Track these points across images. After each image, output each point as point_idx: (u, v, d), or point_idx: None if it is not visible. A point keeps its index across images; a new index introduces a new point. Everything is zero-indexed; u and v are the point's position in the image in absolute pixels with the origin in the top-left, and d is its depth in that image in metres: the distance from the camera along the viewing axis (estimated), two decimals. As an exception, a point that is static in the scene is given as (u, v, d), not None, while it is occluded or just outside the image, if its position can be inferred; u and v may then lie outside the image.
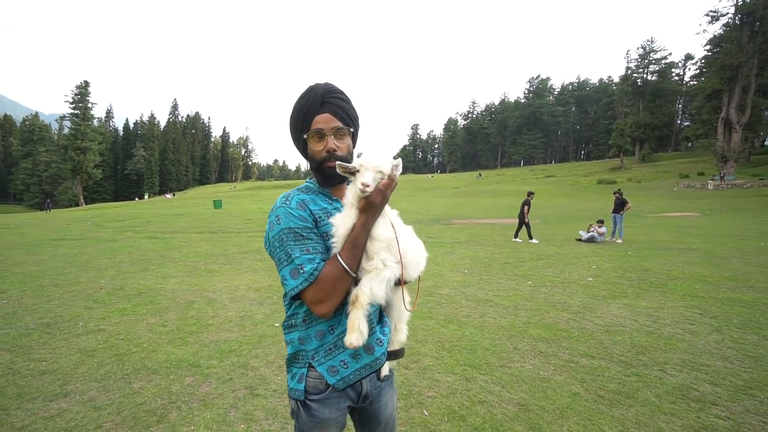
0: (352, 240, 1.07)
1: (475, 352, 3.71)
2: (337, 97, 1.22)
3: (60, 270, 7.44)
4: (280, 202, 1.16)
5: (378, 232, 1.10)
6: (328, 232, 1.14)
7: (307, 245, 1.09)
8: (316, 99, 1.19)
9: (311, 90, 1.21)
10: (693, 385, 3.03)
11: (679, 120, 76.50)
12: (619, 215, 11.35)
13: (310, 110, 1.19)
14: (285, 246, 1.09)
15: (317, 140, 1.19)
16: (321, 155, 1.20)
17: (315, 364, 1.15)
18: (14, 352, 3.68)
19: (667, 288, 5.93)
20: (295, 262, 1.07)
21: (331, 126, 1.19)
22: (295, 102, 1.24)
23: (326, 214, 1.18)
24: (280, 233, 1.11)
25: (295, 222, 1.11)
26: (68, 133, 64.77)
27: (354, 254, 1.07)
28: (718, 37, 42.50)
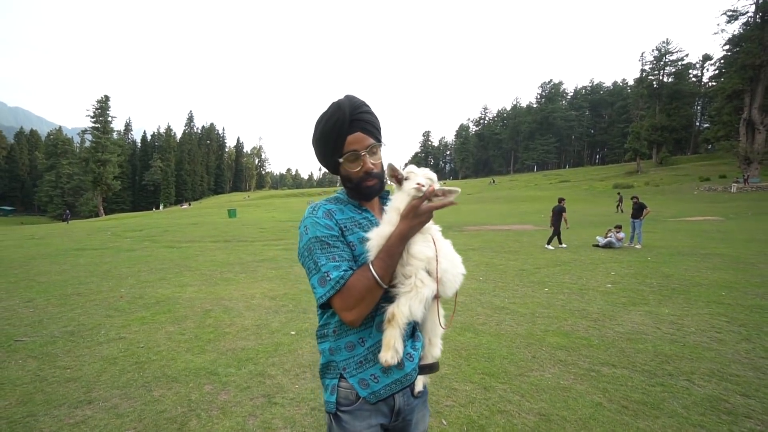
0: (387, 249, 1.04)
1: (493, 360, 3.66)
2: (365, 111, 1.19)
3: (82, 279, 7.65)
4: (308, 213, 1.16)
5: (417, 249, 1.06)
6: (354, 242, 1.13)
7: (333, 253, 1.08)
8: (344, 119, 1.14)
9: (337, 109, 1.15)
10: (723, 396, 2.92)
11: (698, 122, 74.60)
12: (639, 220, 11.09)
13: (341, 132, 1.14)
14: (313, 255, 1.09)
15: (352, 161, 1.16)
16: (358, 176, 1.17)
17: (346, 375, 1.13)
18: (41, 360, 3.79)
19: (691, 295, 5.75)
20: (321, 270, 1.06)
21: (365, 145, 1.15)
22: (321, 124, 1.18)
23: (354, 223, 1.17)
24: (308, 243, 1.11)
25: (321, 231, 1.10)
26: (89, 146, 67.05)
27: (387, 264, 1.04)
28: (738, 37, 41.45)
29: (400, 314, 1.02)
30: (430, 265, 1.06)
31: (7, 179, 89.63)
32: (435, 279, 1.06)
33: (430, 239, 1.11)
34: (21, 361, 3.76)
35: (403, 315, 1.02)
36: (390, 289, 1.07)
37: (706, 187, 37.02)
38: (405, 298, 1.02)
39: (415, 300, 1.02)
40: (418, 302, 1.02)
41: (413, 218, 1.04)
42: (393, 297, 1.07)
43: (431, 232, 1.13)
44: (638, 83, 61.50)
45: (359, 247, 1.13)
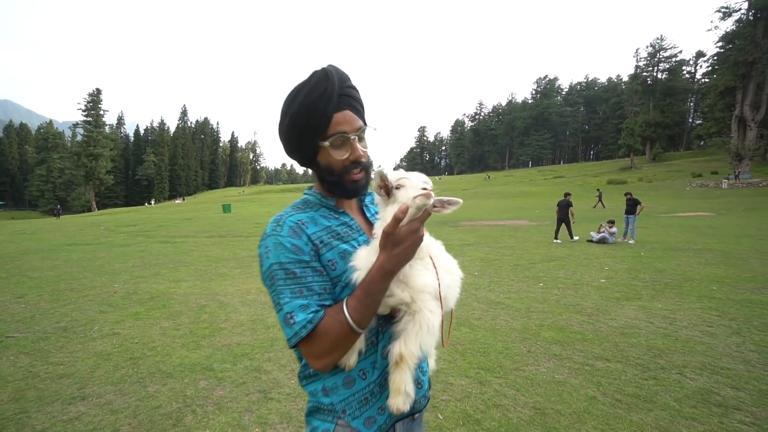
0: (365, 287, 0.82)
1: (488, 355, 3.68)
2: (352, 86, 0.97)
3: (75, 274, 7.57)
4: (271, 229, 0.90)
5: (423, 281, 0.87)
6: (334, 260, 0.91)
7: (300, 284, 0.85)
8: (333, 92, 0.90)
9: (325, 79, 0.91)
10: (714, 389, 2.96)
11: (691, 118, 75.24)
12: (633, 216, 11.18)
13: (326, 108, 0.90)
14: (275, 286, 0.86)
15: (339, 146, 0.93)
16: (344, 165, 0.94)
17: (348, 419, 0.91)
18: (33, 356, 3.75)
19: (683, 289, 5.82)
20: (284, 310, 0.84)
21: (355, 127, 0.93)
22: (299, 96, 0.91)
23: (331, 234, 0.93)
24: (270, 270, 0.87)
25: (286, 255, 0.86)
26: (81, 140, 66.09)
27: (365, 305, 0.82)
28: (731, 34, 41.73)
29: (411, 355, 0.84)
30: (435, 293, 0.90)
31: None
32: (440, 303, 0.90)
33: (429, 262, 0.92)
34: (13, 358, 3.72)
35: (413, 356, 0.84)
36: (392, 324, 0.89)
37: (698, 183, 37.43)
38: (414, 334, 0.84)
39: (426, 334, 0.85)
40: (429, 336, 0.86)
41: (394, 247, 0.81)
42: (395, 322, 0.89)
43: (427, 250, 0.93)
44: (632, 79, 61.83)
45: (341, 263, 0.90)
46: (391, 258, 0.82)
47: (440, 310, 0.89)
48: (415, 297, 0.86)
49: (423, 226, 0.85)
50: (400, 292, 0.86)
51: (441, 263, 0.96)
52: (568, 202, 11.85)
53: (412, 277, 0.87)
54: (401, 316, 0.87)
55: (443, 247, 1.02)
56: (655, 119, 57.80)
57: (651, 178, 44.35)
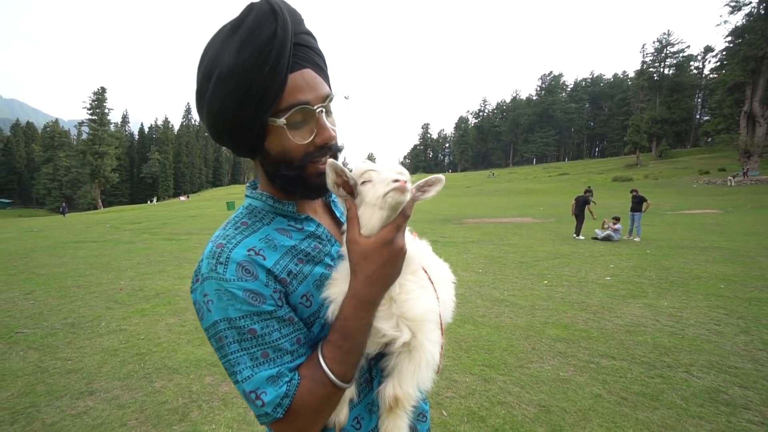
0: (341, 327, 0.62)
1: (493, 352, 3.67)
2: (305, 30, 0.67)
3: (81, 271, 7.65)
4: (208, 268, 0.62)
5: (420, 309, 0.67)
6: (309, 294, 0.67)
7: (264, 346, 0.61)
8: (286, 36, 0.61)
9: (272, 15, 0.61)
10: (722, 388, 2.94)
11: (698, 115, 74.46)
12: (638, 213, 11.09)
13: (281, 61, 0.60)
14: (225, 351, 0.61)
15: (299, 124, 0.64)
16: (306, 151, 0.66)
17: None
18: (42, 351, 3.79)
19: (690, 287, 5.77)
20: (244, 387, 0.60)
21: (320, 95, 0.65)
22: (232, 44, 0.61)
23: (298, 258, 0.68)
24: (215, 328, 0.61)
25: (237, 307, 0.60)
26: (86, 139, 66.68)
27: (346, 352, 0.62)
28: (741, 28, 41.17)
29: (407, 397, 0.66)
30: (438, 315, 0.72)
31: (4, 172, 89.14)
32: (441, 327, 0.73)
33: (422, 274, 0.72)
34: (22, 353, 3.76)
35: (410, 398, 0.67)
36: (382, 359, 0.70)
37: (705, 180, 37.05)
38: (410, 372, 0.67)
39: (425, 370, 0.68)
40: (429, 371, 0.69)
41: (367, 266, 0.61)
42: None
43: (415, 262, 0.71)
44: (639, 75, 61.24)
45: (317, 295, 0.68)
46: (367, 282, 0.61)
47: (442, 336, 0.72)
48: (416, 330, 0.66)
49: (402, 232, 0.63)
50: (391, 329, 0.66)
51: (436, 273, 0.77)
52: (585, 198, 11.92)
53: (408, 303, 0.67)
54: (394, 349, 0.68)
55: (429, 246, 0.82)
56: (661, 115, 57.25)
57: (657, 175, 43.96)
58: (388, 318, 0.66)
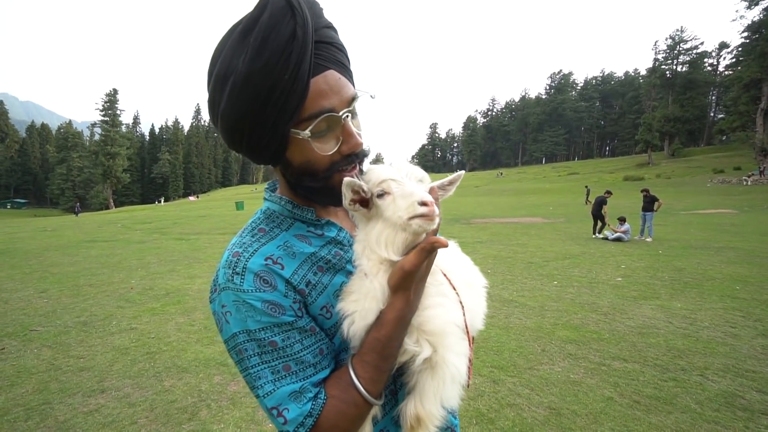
0: (381, 349, 0.58)
1: (502, 353, 3.63)
2: (326, 24, 0.62)
3: (94, 270, 7.78)
4: (224, 279, 0.60)
5: (441, 321, 0.62)
6: (329, 306, 0.64)
7: (285, 359, 0.59)
8: (308, 36, 0.55)
9: (290, 12, 0.55)
10: (738, 392, 2.86)
11: (713, 112, 72.97)
12: (650, 213, 10.90)
13: (302, 65, 0.55)
14: (245, 365, 0.59)
15: (323, 132, 0.60)
16: (332, 161, 0.62)
17: None
18: (55, 349, 3.86)
19: (704, 289, 5.65)
20: (266, 403, 0.58)
21: (345, 98, 0.60)
22: (247, 47, 0.54)
23: (317, 266, 0.65)
24: (234, 341, 0.60)
25: (257, 318, 0.58)
26: (99, 139, 67.91)
27: (382, 371, 0.59)
28: (758, 23, 40.18)
29: (429, 416, 0.61)
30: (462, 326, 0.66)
31: (20, 172, 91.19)
32: (468, 337, 0.67)
33: (441, 279, 0.67)
34: (36, 351, 3.84)
35: (433, 417, 0.61)
36: (402, 374, 0.65)
37: (719, 179, 36.28)
38: (432, 389, 0.61)
39: (450, 387, 0.62)
40: (455, 387, 0.63)
41: (408, 284, 0.57)
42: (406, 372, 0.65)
43: (440, 270, 0.67)
44: (651, 73, 60.26)
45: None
46: (408, 302, 0.58)
47: (468, 347, 0.66)
48: (437, 344, 0.61)
49: (430, 255, 0.58)
50: (411, 344, 0.62)
51: (459, 277, 0.70)
52: (602, 199, 11.92)
53: (425, 313, 0.62)
54: (414, 365, 0.63)
55: (457, 246, 0.77)
56: (674, 114, 56.20)
57: (669, 174, 43.19)
58: (408, 334, 0.62)
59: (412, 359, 0.62)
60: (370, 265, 0.60)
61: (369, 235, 0.61)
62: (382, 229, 0.59)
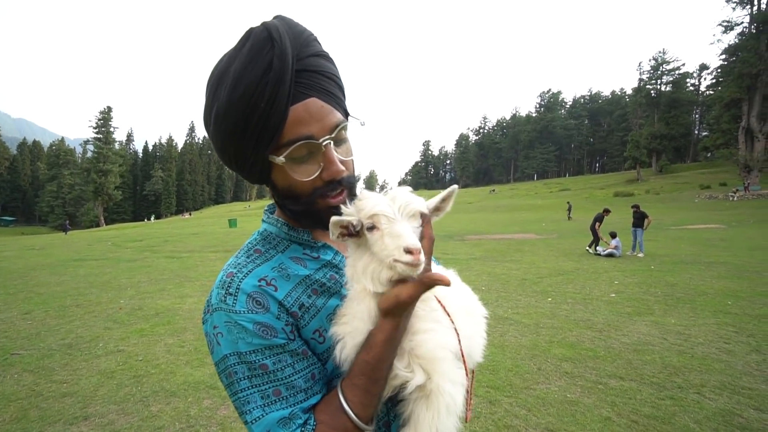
0: (370, 372, 0.57)
1: (498, 372, 3.58)
2: (316, 52, 0.62)
3: (81, 290, 7.59)
4: (217, 299, 0.60)
5: (431, 345, 0.60)
6: (322, 330, 0.64)
7: (275, 384, 0.58)
8: (286, 66, 0.56)
9: (269, 43, 0.57)
10: (736, 410, 2.84)
11: (697, 130, 75.06)
12: (640, 229, 11.04)
13: (278, 95, 0.56)
14: (235, 388, 0.59)
15: (302, 159, 0.61)
16: (314, 187, 0.62)
17: None
18: (37, 374, 3.72)
19: (697, 304, 5.67)
20: (253, 429, 0.57)
21: (327, 125, 0.60)
22: (228, 77, 0.58)
23: (312, 289, 0.65)
24: (225, 363, 0.59)
25: (248, 341, 0.58)
26: (91, 157, 67.59)
27: (373, 396, 0.58)
28: (734, 46, 41.97)
29: None
30: (455, 353, 0.64)
31: (8, 190, 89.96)
32: (463, 365, 0.65)
33: (435, 305, 0.65)
34: (17, 376, 3.69)
35: None
36: (397, 404, 0.64)
37: (707, 195, 37.02)
38: (426, 421, 0.59)
39: (446, 418, 0.60)
40: (450, 418, 0.60)
41: (399, 310, 0.56)
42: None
43: (433, 295, 0.66)
44: (636, 92, 62.07)
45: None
46: (402, 327, 0.58)
47: (465, 375, 0.64)
48: (431, 371, 0.60)
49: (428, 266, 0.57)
50: (402, 369, 0.60)
51: (455, 304, 0.69)
52: (599, 216, 12.08)
53: (419, 340, 0.60)
54: (408, 394, 0.61)
55: (457, 276, 0.75)
56: (660, 131, 57.69)
57: (658, 190, 44.00)
58: (399, 358, 0.60)
59: (405, 386, 0.60)
60: (358, 289, 0.60)
61: (356, 264, 0.60)
62: (369, 261, 0.58)
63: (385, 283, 0.57)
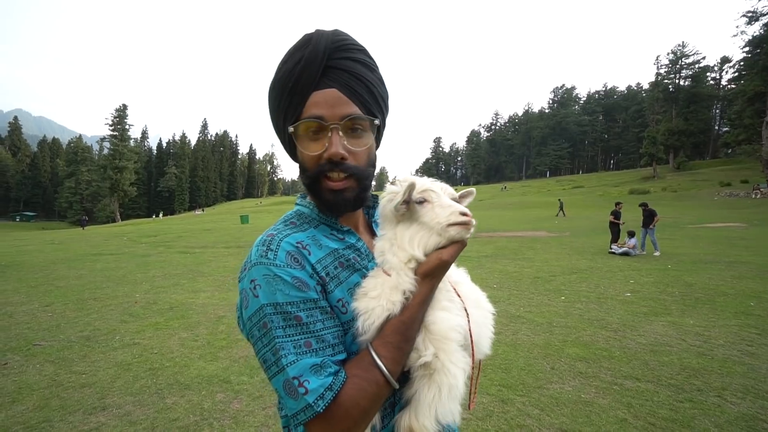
0: (405, 330, 0.63)
1: (510, 371, 3.54)
2: (352, 57, 0.71)
3: (98, 284, 7.78)
4: (257, 255, 0.66)
5: (447, 324, 0.66)
6: (344, 300, 0.69)
7: (308, 335, 0.62)
8: (314, 60, 0.68)
9: (307, 43, 0.70)
10: (760, 415, 2.75)
11: (717, 125, 72.84)
12: (650, 229, 10.81)
13: (302, 80, 0.68)
14: (269, 338, 0.62)
15: (312, 136, 0.69)
16: (317, 163, 0.70)
17: None
18: (57, 365, 3.83)
19: (717, 305, 5.52)
20: (287, 372, 0.60)
21: (339, 114, 0.68)
22: (279, 65, 0.72)
23: (339, 262, 0.71)
24: (260, 314, 0.63)
25: (285, 292, 0.62)
26: (107, 154, 69.05)
27: (404, 353, 0.64)
28: (759, 38, 40.45)
29: (422, 430, 0.63)
30: (465, 338, 0.69)
31: (30, 186, 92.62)
32: (470, 351, 0.69)
33: (449, 286, 0.73)
34: (39, 366, 3.80)
35: (425, 430, 0.63)
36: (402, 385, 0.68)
37: (727, 192, 35.93)
38: (428, 404, 0.62)
39: (447, 401, 0.63)
40: (451, 402, 0.64)
41: (439, 272, 0.67)
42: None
43: (449, 280, 0.75)
44: (653, 87, 60.47)
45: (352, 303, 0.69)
46: (435, 290, 0.68)
47: (469, 362, 0.67)
48: (438, 348, 0.64)
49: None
50: (420, 342, 0.66)
51: (467, 293, 0.74)
52: (613, 212, 12.09)
53: (435, 316, 0.66)
54: (413, 373, 0.65)
55: (467, 274, 0.83)
56: (678, 127, 56.19)
57: (675, 187, 42.89)
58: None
59: (414, 363, 0.65)
60: (396, 261, 0.67)
61: (402, 234, 0.68)
62: (417, 231, 0.67)
63: (431, 249, 0.66)
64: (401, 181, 0.69)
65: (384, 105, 0.77)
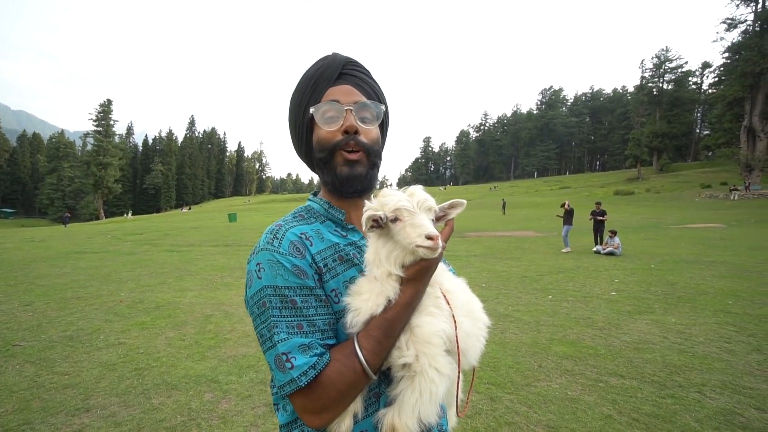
0: (387, 327, 0.68)
1: (498, 369, 3.59)
2: (362, 71, 0.89)
3: (82, 283, 7.59)
4: (265, 242, 0.75)
5: (430, 328, 0.69)
6: (338, 290, 0.75)
7: (300, 318, 0.69)
8: (332, 66, 0.85)
9: (327, 57, 0.88)
10: (737, 409, 2.85)
11: (698, 129, 74.84)
12: (569, 226, 11.92)
13: (322, 78, 0.85)
14: (266, 316, 0.69)
15: (328, 119, 0.82)
16: (334, 140, 0.80)
17: None
18: (38, 365, 3.72)
19: (697, 303, 5.68)
20: (278, 348, 0.67)
21: (352, 99, 0.83)
22: (303, 74, 0.89)
23: (337, 255, 0.78)
24: (261, 294, 0.70)
25: (285, 277, 0.70)
26: (91, 150, 67.34)
27: (384, 349, 0.69)
28: (737, 45, 41.64)
29: (405, 429, 0.66)
30: (450, 342, 0.71)
31: (8, 182, 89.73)
32: (456, 359, 0.72)
33: (439, 294, 0.75)
34: (18, 367, 3.69)
35: (408, 430, 0.66)
36: (388, 386, 0.74)
37: (707, 194, 36.99)
38: (410, 400, 0.66)
39: (428, 403, 0.66)
40: (431, 405, 0.67)
41: (422, 277, 0.70)
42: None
43: (438, 281, 0.77)
44: (638, 90, 61.77)
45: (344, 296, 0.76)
46: (420, 293, 0.71)
47: (453, 369, 0.70)
48: (420, 352, 0.67)
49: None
50: (404, 343, 0.69)
51: (459, 301, 0.76)
52: (594, 212, 12.60)
53: (419, 320, 0.69)
54: (396, 372, 0.70)
55: (465, 283, 0.84)
56: (661, 129, 57.49)
57: (659, 188, 43.96)
58: (403, 331, 0.70)
59: (395, 364, 0.69)
60: (380, 272, 0.71)
61: (380, 250, 0.71)
62: (392, 248, 0.70)
63: (409, 263, 0.70)
64: (380, 197, 0.73)
65: (384, 103, 0.91)
